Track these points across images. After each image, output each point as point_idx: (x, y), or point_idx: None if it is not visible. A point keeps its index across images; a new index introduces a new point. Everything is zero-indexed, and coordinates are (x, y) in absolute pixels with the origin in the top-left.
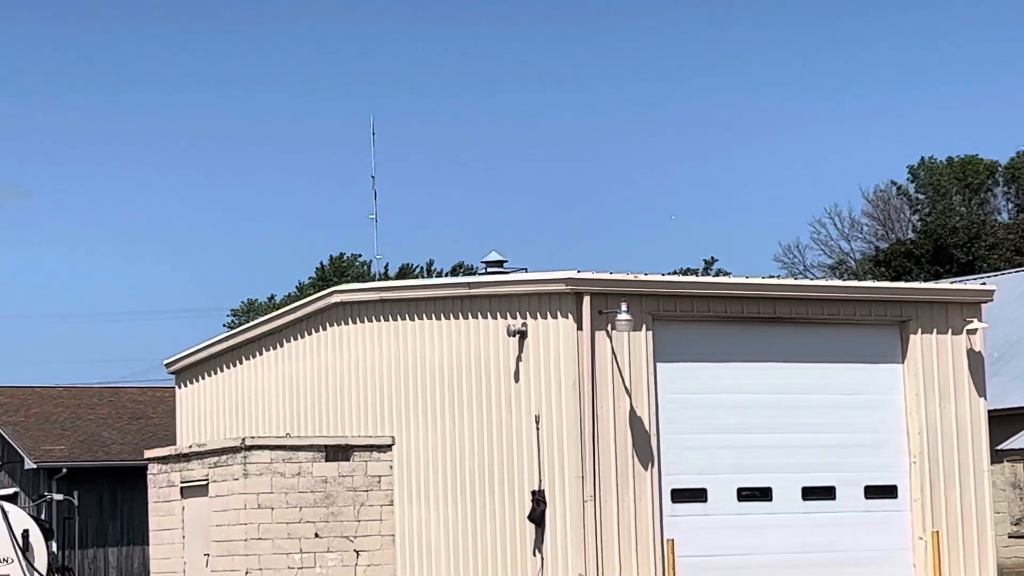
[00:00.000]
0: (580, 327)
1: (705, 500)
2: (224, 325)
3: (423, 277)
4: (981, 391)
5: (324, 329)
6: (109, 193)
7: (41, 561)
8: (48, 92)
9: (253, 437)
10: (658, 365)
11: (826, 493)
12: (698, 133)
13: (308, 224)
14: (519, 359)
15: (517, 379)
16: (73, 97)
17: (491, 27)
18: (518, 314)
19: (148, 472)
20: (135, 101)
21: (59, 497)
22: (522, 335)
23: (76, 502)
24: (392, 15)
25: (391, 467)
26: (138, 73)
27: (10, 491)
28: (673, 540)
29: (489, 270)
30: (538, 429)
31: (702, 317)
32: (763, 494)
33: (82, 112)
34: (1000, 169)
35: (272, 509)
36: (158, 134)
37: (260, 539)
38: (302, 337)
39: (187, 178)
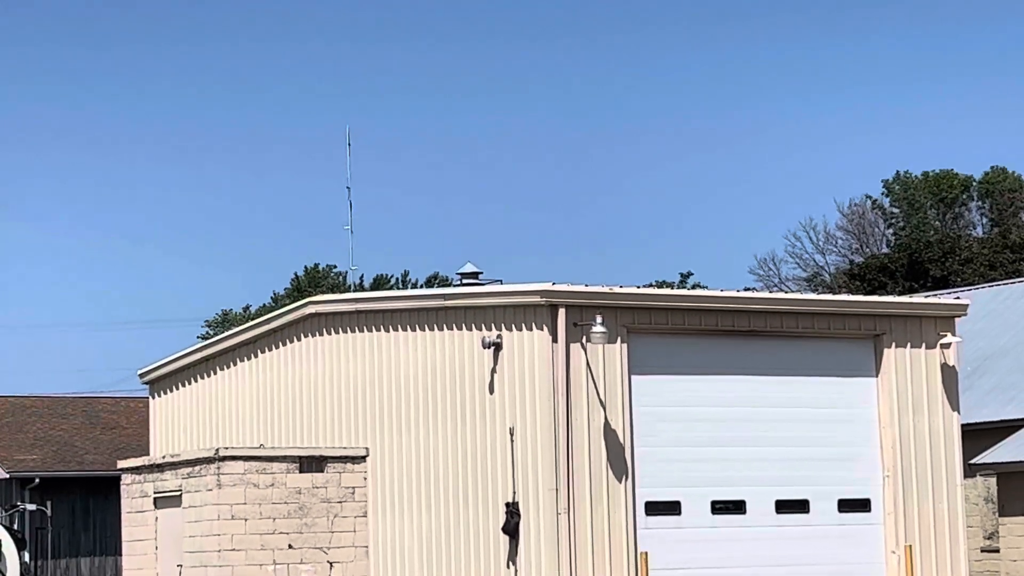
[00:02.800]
0: (555, 339)
1: (679, 513)
2: (198, 336)
3: (398, 288)
4: (955, 405)
5: (299, 340)
6: (83, 203)
7: (14, 571)
8: (18, 100)
9: (227, 448)
10: (633, 378)
11: (800, 506)
12: (674, 146)
13: (283, 234)
14: (494, 371)
15: (492, 391)
16: (46, 106)
17: (467, 39)
18: (493, 326)
19: (121, 482)
20: (108, 111)
21: (32, 507)
22: (497, 347)
23: (49, 512)
24: (369, 24)
25: (365, 478)
26: (112, 84)
27: None
28: (647, 553)
29: (464, 282)
30: (512, 441)
31: (677, 330)
32: (737, 507)
33: (57, 120)
34: (974, 184)
35: (246, 520)
36: (132, 145)
37: (233, 550)
38: (277, 348)
39: (161, 189)
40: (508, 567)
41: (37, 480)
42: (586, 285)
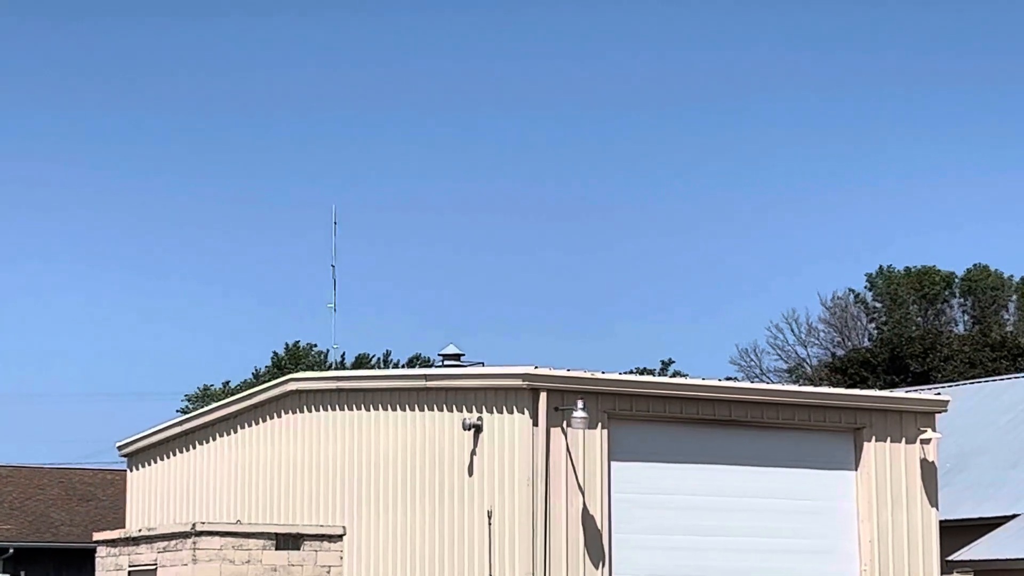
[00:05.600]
0: (536, 423)
1: None
2: (178, 410)
3: (380, 368)
4: (933, 501)
5: (278, 417)
6: (63, 272)
7: None
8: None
9: (203, 523)
10: (612, 464)
11: None
12: (656, 234)
13: (265, 311)
14: (473, 453)
15: (471, 473)
16: (31, 165)
17: (450, 118)
18: (474, 408)
19: (96, 555)
20: (96, 177)
21: None
22: (477, 429)
23: None
24: (356, 103)
25: (341, 557)
26: (99, 154)
27: None
28: None
29: (446, 363)
30: (490, 524)
31: (658, 417)
32: None
33: (44, 184)
34: (956, 281)
35: None
36: (115, 214)
37: None
38: (256, 424)
39: (143, 260)
40: None
41: (11, 550)
42: (568, 370)
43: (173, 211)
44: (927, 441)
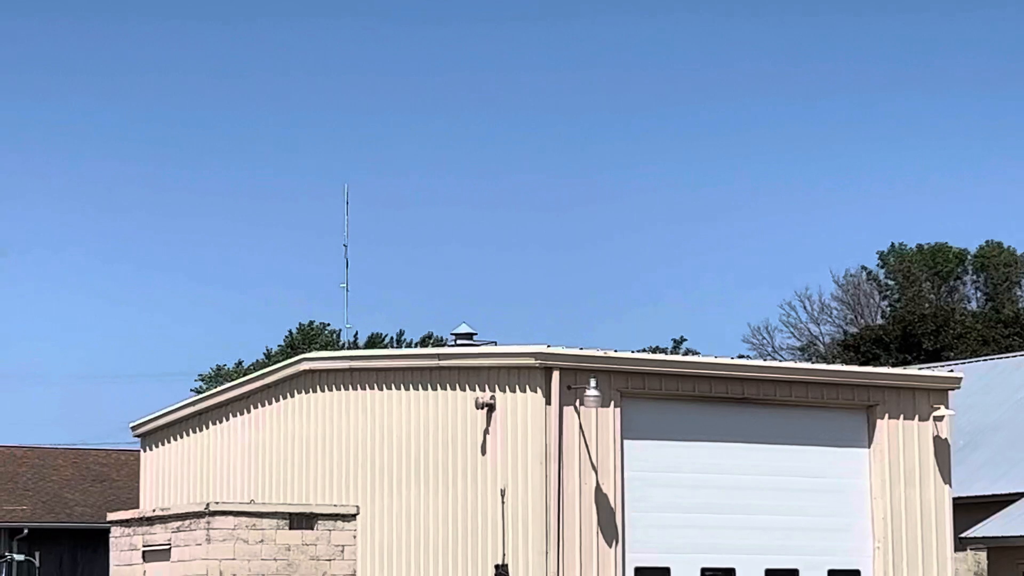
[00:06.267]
0: (548, 402)
1: None
2: (191, 390)
3: (392, 347)
4: (946, 478)
5: (292, 396)
6: (78, 254)
7: None
8: (15, 147)
9: (217, 502)
10: (625, 442)
11: None
12: (671, 212)
13: (278, 291)
14: (486, 432)
15: (484, 452)
16: (42, 155)
17: (464, 98)
18: (487, 387)
19: (110, 535)
20: (105, 162)
21: (20, 557)
22: (490, 408)
23: (37, 563)
24: (369, 83)
25: (355, 536)
26: (110, 134)
27: None
28: None
29: (459, 342)
30: (503, 503)
31: (670, 395)
32: (727, 575)
33: (53, 170)
34: (969, 258)
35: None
36: (128, 197)
37: None
38: (269, 404)
39: (156, 241)
40: None
41: (26, 531)
42: (580, 348)
43: (188, 192)
44: (940, 418)
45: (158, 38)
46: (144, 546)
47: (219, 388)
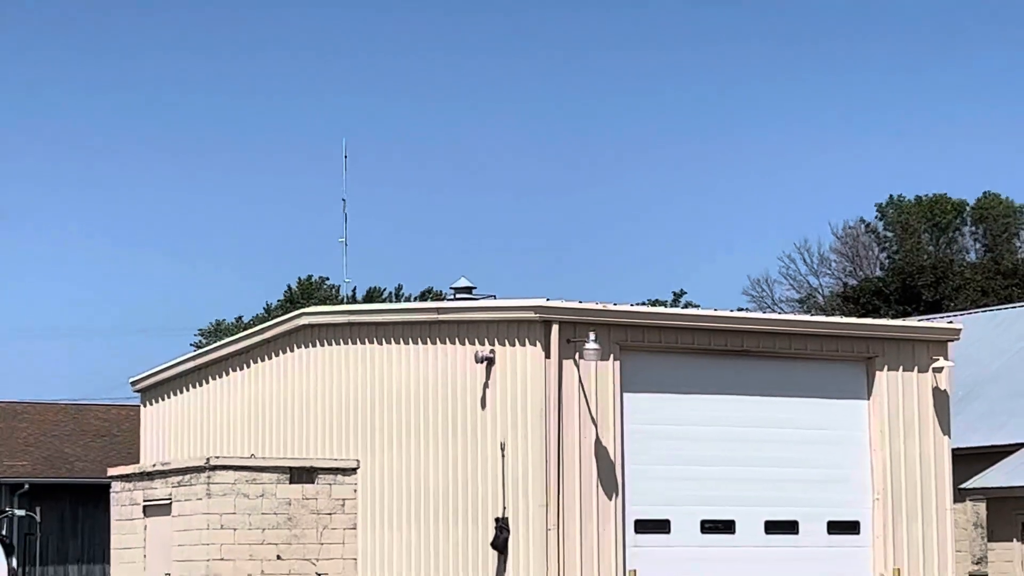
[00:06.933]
0: (548, 355)
1: (668, 531)
2: (191, 344)
3: (391, 301)
4: (945, 429)
5: (291, 351)
6: (78, 211)
7: None
8: (15, 106)
9: (217, 457)
10: (625, 395)
11: (789, 527)
12: (669, 165)
13: (277, 245)
14: (486, 385)
15: (484, 406)
16: (41, 112)
17: (465, 54)
18: (486, 341)
19: (111, 490)
20: (102, 118)
21: (21, 513)
22: (490, 362)
23: (38, 518)
24: (367, 37)
25: (355, 491)
26: (108, 91)
27: None
28: (635, 571)
29: (458, 296)
30: (503, 456)
31: (670, 348)
32: (726, 527)
33: (51, 126)
34: (968, 209)
35: (235, 530)
36: (126, 153)
37: (222, 560)
38: (269, 358)
39: (155, 197)
40: None
41: (27, 486)
42: (580, 302)
43: (185, 146)
44: (939, 370)
45: None
46: (145, 501)
47: (219, 343)
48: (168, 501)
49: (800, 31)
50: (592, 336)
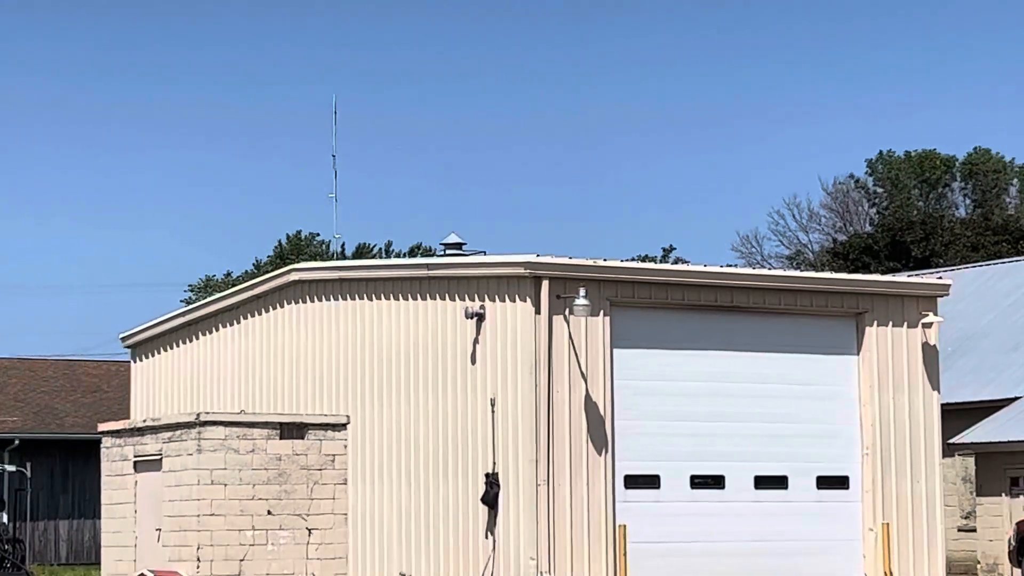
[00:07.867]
0: (538, 311)
1: (658, 487)
2: (181, 300)
3: (381, 257)
4: (935, 384)
5: (281, 307)
6: (66, 165)
7: None
8: (9, 73)
9: (208, 413)
10: (615, 351)
11: (778, 482)
12: (658, 122)
13: (267, 201)
14: (476, 341)
15: (474, 361)
16: (32, 74)
17: (456, 11)
18: (476, 297)
19: (102, 446)
20: (92, 77)
21: (11, 468)
22: (480, 318)
23: (28, 474)
24: None
25: (345, 446)
26: (96, 49)
27: None
28: (625, 526)
29: (448, 252)
30: (493, 412)
31: (660, 304)
32: (716, 482)
33: (42, 89)
34: (957, 164)
35: (225, 485)
36: (116, 111)
37: (212, 515)
38: (259, 314)
39: (146, 152)
40: (487, 537)
41: (17, 442)
42: (569, 258)
43: (175, 104)
44: (929, 325)
45: None
46: (135, 456)
47: (209, 299)
48: (158, 456)
49: None
50: (582, 292)
